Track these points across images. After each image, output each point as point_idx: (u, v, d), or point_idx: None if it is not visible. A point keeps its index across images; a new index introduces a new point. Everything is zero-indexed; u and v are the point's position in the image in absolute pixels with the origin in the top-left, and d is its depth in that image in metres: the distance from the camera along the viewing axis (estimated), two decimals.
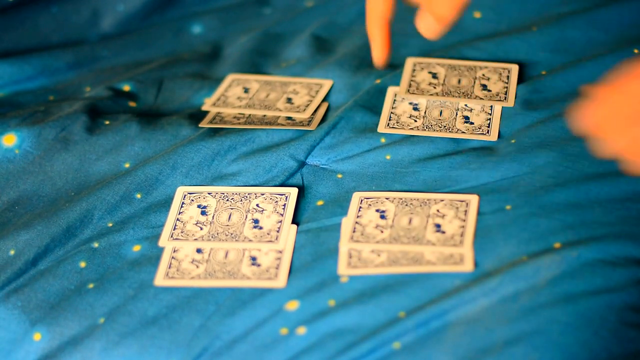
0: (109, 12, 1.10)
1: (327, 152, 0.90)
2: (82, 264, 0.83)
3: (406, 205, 0.84)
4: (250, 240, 0.82)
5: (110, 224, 0.86)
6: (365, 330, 0.75)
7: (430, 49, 1.01)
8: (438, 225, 0.81)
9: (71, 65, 1.06)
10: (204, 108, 0.97)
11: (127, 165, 0.91)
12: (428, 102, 0.93)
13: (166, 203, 0.87)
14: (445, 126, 0.90)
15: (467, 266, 0.78)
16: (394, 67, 0.99)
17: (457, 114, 0.92)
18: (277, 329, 0.77)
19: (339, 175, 0.88)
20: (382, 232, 0.81)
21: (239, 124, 0.94)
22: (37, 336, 0.80)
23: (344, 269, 0.79)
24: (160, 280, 0.81)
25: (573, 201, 0.81)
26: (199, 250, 0.82)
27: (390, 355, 0.74)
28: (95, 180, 0.91)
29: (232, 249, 0.82)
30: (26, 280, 0.83)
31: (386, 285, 0.78)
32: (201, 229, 0.83)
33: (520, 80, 0.95)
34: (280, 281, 0.79)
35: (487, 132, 0.89)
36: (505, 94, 0.93)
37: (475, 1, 1.05)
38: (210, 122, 0.94)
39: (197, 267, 0.81)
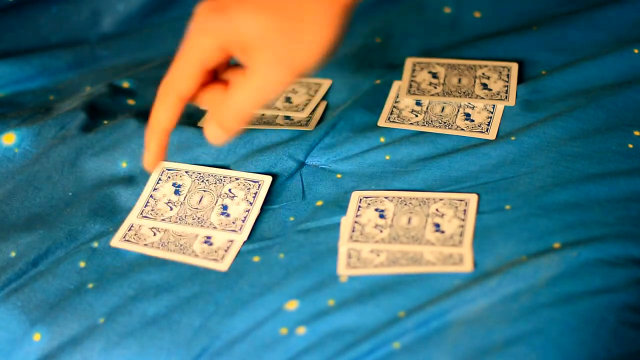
0: (109, 12, 1.10)
1: (327, 153, 0.90)
2: (82, 264, 0.83)
3: (405, 204, 0.83)
4: (214, 228, 0.82)
5: (111, 229, 0.86)
6: (365, 330, 0.75)
7: (430, 49, 1.01)
8: (437, 225, 0.81)
9: (71, 65, 1.06)
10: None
11: (124, 165, 0.91)
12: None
13: None
14: (445, 122, 0.90)
15: (467, 266, 0.78)
16: (394, 67, 0.99)
17: (458, 110, 0.92)
18: (277, 329, 0.76)
19: (339, 176, 0.88)
20: (381, 231, 0.81)
21: None
22: (36, 336, 0.80)
23: (343, 269, 0.79)
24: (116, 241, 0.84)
25: (573, 201, 0.81)
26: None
27: (390, 355, 0.73)
28: (91, 177, 0.91)
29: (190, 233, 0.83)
30: (26, 280, 0.83)
31: (386, 285, 0.78)
32: (171, 209, 0.84)
33: (520, 80, 0.95)
34: (225, 265, 0.80)
35: (486, 131, 0.89)
36: (506, 92, 0.93)
37: (475, 1, 1.06)
38: None
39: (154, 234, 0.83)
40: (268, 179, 0.86)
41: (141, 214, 0.84)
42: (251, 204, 0.84)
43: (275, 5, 0.76)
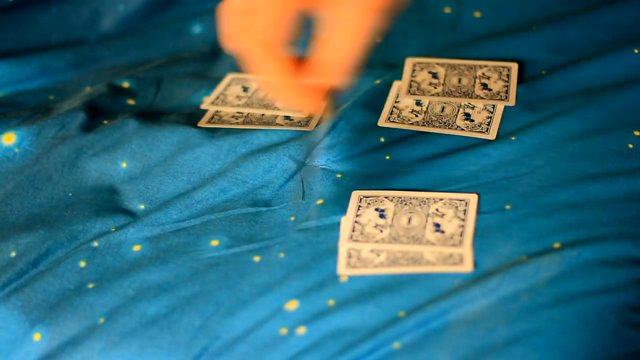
0: (109, 12, 1.10)
1: (327, 153, 0.90)
2: (82, 264, 0.83)
3: (405, 204, 0.83)
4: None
5: (113, 229, 0.86)
6: (365, 330, 0.75)
7: (430, 49, 1.01)
8: (437, 225, 0.81)
9: (71, 65, 1.06)
10: (203, 106, 0.97)
11: (124, 165, 0.91)
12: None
13: (168, 206, 0.87)
14: (445, 122, 0.91)
15: (467, 266, 0.78)
16: (394, 67, 0.99)
17: (458, 110, 0.92)
18: (277, 329, 0.76)
19: (339, 175, 0.88)
20: (381, 231, 0.81)
21: (237, 123, 0.94)
22: (36, 336, 0.80)
23: (343, 269, 0.79)
24: None
25: (573, 201, 0.81)
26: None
27: (390, 355, 0.73)
28: (91, 177, 0.91)
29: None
30: (26, 280, 0.83)
31: (386, 285, 0.77)
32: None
33: (520, 80, 0.95)
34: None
35: (487, 131, 0.89)
36: (506, 92, 0.93)
37: (475, 1, 1.06)
38: (209, 121, 0.94)
39: None
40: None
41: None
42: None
43: None
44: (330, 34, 0.76)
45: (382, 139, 0.90)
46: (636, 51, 0.95)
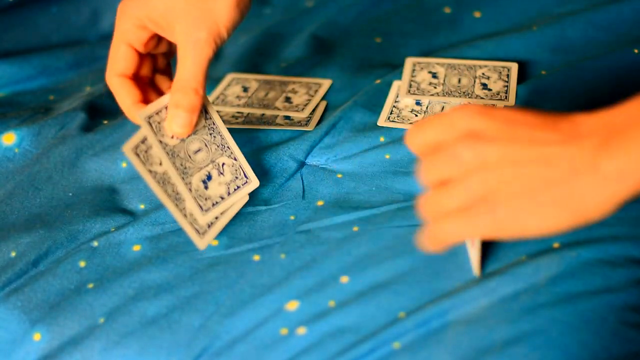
0: (109, 12, 1.10)
1: (327, 152, 0.90)
2: (82, 264, 0.83)
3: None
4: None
5: (113, 229, 0.86)
6: (365, 330, 0.75)
7: (430, 49, 1.01)
8: None
9: (71, 65, 1.06)
10: None
11: (124, 165, 0.91)
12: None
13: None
14: None
15: (475, 271, 0.78)
16: (394, 67, 0.99)
17: None
18: (277, 329, 0.76)
19: (339, 175, 0.88)
20: None
21: (238, 123, 0.94)
22: (37, 336, 0.80)
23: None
24: None
25: None
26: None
27: (390, 355, 0.73)
28: (91, 177, 0.91)
29: None
30: (26, 280, 0.83)
31: (386, 285, 0.77)
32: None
33: (520, 80, 0.95)
34: None
35: None
36: (506, 93, 0.93)
37: (475, 1, 1.06)
38: None
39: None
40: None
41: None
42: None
43: None
44: (178, 60, 0.82)
45: (382, 139, 0.90)
46: (636, 51, 0.95)
